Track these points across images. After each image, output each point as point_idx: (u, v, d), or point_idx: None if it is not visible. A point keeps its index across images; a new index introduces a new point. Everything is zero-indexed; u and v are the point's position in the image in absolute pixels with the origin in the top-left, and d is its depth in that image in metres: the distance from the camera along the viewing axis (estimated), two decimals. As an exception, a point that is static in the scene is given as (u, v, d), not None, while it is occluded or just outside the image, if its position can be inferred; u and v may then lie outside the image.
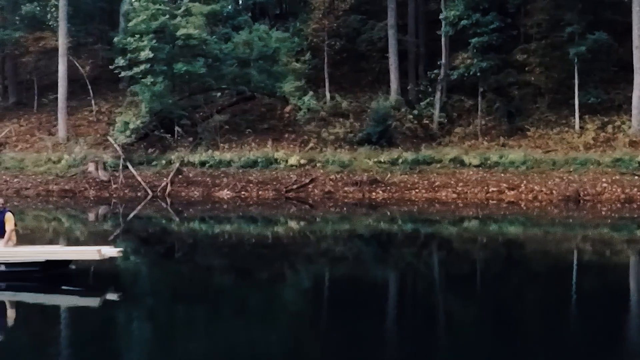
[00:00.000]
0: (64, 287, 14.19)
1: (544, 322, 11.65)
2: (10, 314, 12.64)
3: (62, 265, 14.44)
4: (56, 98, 40.16)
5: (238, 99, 39.14)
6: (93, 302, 13.30)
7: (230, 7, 39.98)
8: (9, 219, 14.54)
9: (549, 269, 17.10)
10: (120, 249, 14.80)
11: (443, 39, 37.15)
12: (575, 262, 18.19)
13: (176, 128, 35.09)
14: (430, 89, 38.29)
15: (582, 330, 11.17)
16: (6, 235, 14.41)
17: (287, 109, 36.22)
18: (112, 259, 14.73)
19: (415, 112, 37.58)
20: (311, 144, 35.07)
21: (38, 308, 13.04)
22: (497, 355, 9.80)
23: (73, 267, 14.76)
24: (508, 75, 36.43)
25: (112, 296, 13.56)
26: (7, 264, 13.99)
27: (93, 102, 39.19)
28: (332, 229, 24.55)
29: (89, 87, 39.09)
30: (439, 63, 37.40)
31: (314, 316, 12.37)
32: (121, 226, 25.10)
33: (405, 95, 38.95)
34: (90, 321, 11.83)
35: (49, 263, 14.06)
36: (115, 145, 34.63)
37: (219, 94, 39.35)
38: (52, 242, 18.93)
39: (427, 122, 37.41)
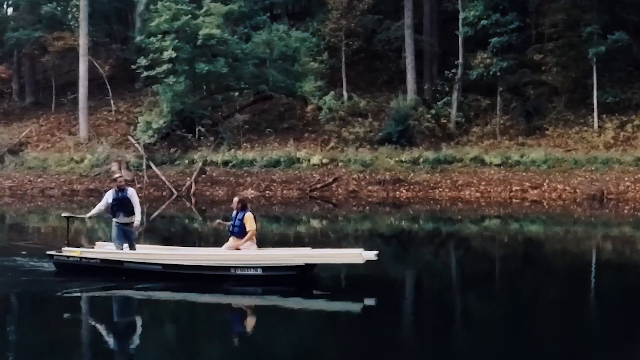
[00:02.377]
0: (315, 292, 13.79)
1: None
2: (281, 319, 11.98)
3: (313, 268, 13.92)
4: (74, 98, 40.43)
5: (256, 99, 39.27)
6: (354, 307, 12.58)
7: (246, 7, 39.90)
8: (249, 219, 13.87)
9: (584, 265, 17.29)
10: (377, 252, 13.65)
11: (460, 39, 37.35)
12: (602, 260, 18.35)
13: (198, 128, 35.19)
14: (447, 89, 38.47)
15: (605, 329, 11.23)
16: (247, 236, 13.81)
17: (309, 108, 36.34)
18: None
19: (433, 111, 37.76)
20: (332, 144, 35.23)
21: (308, 314, 12.50)
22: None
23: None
24: (523, 75, 36.65)
25: (369, 301, 12.81)
26: (264, 268, 13.51)
27: (112, 101, 39.28)
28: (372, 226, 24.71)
29: (108, 86, 39.17)
30: (455, 63, 37.59)
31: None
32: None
33: (422, 95, 39.14)
34: (371, 328, 11.16)
35: (306, 267, 13.59)
36: (136, 145, 34.80)
37: (236, 93, 39.46)
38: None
39: (444, 121, 37.60)
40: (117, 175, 14.89)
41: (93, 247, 14.90)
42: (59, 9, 38.31)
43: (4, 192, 33.41)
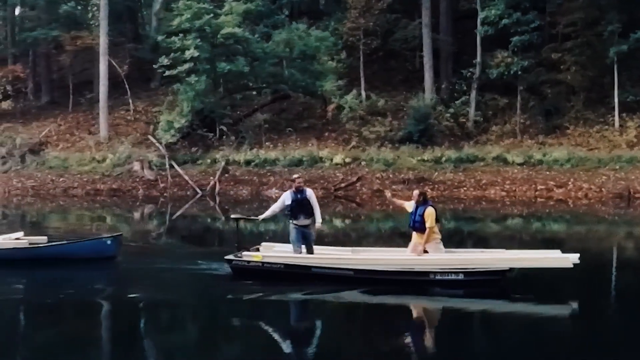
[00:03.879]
0: (516, 295, 12.99)
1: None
2: (487, 325, 11.54)
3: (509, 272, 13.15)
4: (92, 97, 40.37)
5: (275, 98, 39.23)
6: (562, 311, 12.08)
7: (264, 6, 39.86)
8: (430, 215, 13.17)
9: None
10: (578, 254, 12.94)
11: (478, 38, 37.36)
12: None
13: (220, 127, 35.14)
14: (464, 87, 38.47)
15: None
16: (426, 235, 13.18)
17: (330, 107, 36.30)
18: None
19: (451, 110, 37.76)
20: (353, 143, 35.20)
21: (518, 319, 11.75)
22: None
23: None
24: (539, 74, 36.67)
25: (574, 304, 12.31)
26: (466, 273, 12.85)
27: (131, 101, 39.20)
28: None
29: (127, 86, 39.10)
30: (474, 62, 37.60)
31: None
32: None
33: (438, 94, 39.14)
34: (588, 333, 10.79)
35: (509, 271, 12.96)
36: (157, 145, 34.74)
37: (254, 92, 39.42)
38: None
39: (463, 120, 37.61)
40: (295, 175, 14.51)
41: (258, 249, 14.40)
42: (79, 7, 38.09)
43: (26, 192, 33.32)
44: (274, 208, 14.00)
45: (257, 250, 14.25)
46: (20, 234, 16.46)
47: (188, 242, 21.34)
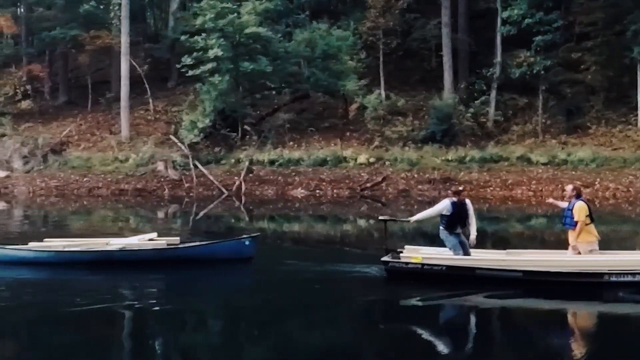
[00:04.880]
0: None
1: None
2: None
3: None
4: (111, 97, 40.27)
5: (295, 97, 39.14)
6: None
7: (282, 5, 39.74)
8: (577, 209, 12.84)
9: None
10: None
11: (498, 38, 37.32)
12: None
13: (244, 126, 35.06)
14: (484, 87, 38.41)
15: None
16: (577, 229, 12.86)
17: (353, 107, 36.22)
18: None
19: (472, 110, 37.69)
20: (376, 143, 35.13)
21: None
22: None
23: None
24: (558, 73, 36.63)
25: None
26: (616, 274, 12.45)
27: (151, 100, 39.09)
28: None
29: (146, 86, 38.98)
30: (494, 61, 37.57)
31: None
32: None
33: (457, 94, 39.07)
34: None
35: None
36: (179, 144, 34.65)
37: (273, 92, 39.30)
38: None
39: (484, 120, 37.56)
40: (461, 187, 14.30)
41: (401, 252, 13.96)
42: (101, 7, 37.96)
43: (51, 192, 33.20)
44: (430, 213, 13.80)
45: (400, 252, 13.87)
46: (154, 234, 16.40)
47: (313, 244, 20.77)
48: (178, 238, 16.29)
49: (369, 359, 9.86)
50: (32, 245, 15.74)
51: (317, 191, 32.20)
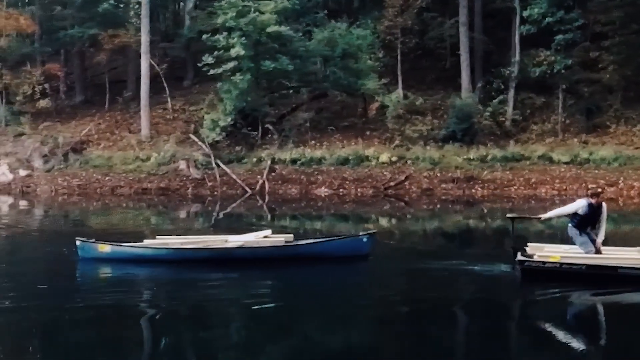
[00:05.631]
0: None
1: None
2: None
3: None
4: (129, 96, 40.22)
5: (315, 96, 39.09)
6: None
7: (300, 4, 39.67)
8: None
9: None
10: None
11: (517, 37, 37.31)
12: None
13: (266, 125, 35.02)
14: (502, 86, 38.39)
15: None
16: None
17: (374, 106, 36.19)
18: None
19: (490, 109, 37.68)
20: (397, 142, 35.10)
21: None
22: None
23: None
24: (575, 73, 36.61)
25: None
26: None
27: (169, 99, 39.03)
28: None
29: (165, 84, 38.92)
30: (512, 60, 37.58)
31: None
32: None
33: (476, 93, 39.06)
34: None
35: None
36: (200, 143, 34.60)
37: (291, 91, 39.27)
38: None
39: (502, 119, 37.54)
40: (599, 190, 14.10)
41: (525, 250, 13.85)
42: (121, 5, 37.89)
43: (73, 191, 33.15)
44: (563, 211, 13.74)
45: (523, 251, 13.74)
46: (268, 231, 16.38)
47: (425, 241, 20.71)
48: (292, 235, 16.24)
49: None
50: (148, 242, 15.78)
51: (341, 190, 32.17)
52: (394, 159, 33.62)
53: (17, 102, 39.19)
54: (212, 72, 34.26)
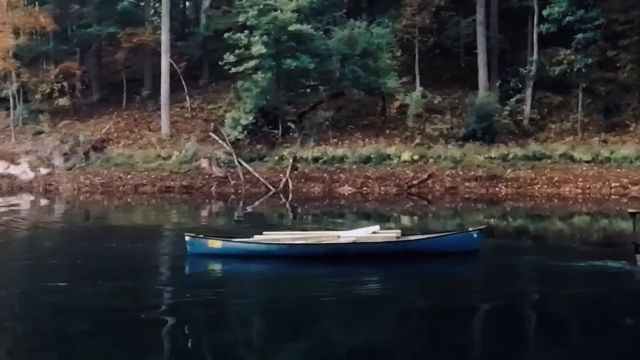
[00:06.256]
0: None
1: None
2: None
3: None
4: (146, 94, 40.23)
5: (330, 95, 39.08)
6: None
7: (317, 3, 39.66)
8: None
9: None
10: None
11: (535, 36, 37.33)
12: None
13: (288, 124, 35.03)
14: (520, 85, 38.42)
15: None
16: None
17: (394, 105, 36.19)
18: None
19: (508, 108, 37.70)
20: (417, 140, 35.12)
21: None
22: None
23: None
24: (593, 71, 36.64)
25: None
26: None
27: (188, 98, 39.02)
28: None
29: (183, 83, 38.91)
30: (530, 59, 37.61)
31: None
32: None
33: (493, 92, 39.07)
34: None
35: None
36: (221, 142, 34.59)
37: (308, 90, 39.25)
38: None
39: (521, 118, 37.57)
40: None
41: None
42: (141, 3, 37.85)
43: (96, 189, 33.15)
44: None
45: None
46: (376, 227, 16.40)
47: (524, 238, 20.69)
48: (399, 231, 16.32)
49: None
50: (258, 238, 15.79)
51: (364, 188, 32.19)
52: (415, 157, 33.63)
53: (35, 100, 39.13)
54: (233, 70, 34.21)
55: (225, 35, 34.80)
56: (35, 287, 13.55)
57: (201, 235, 15.81)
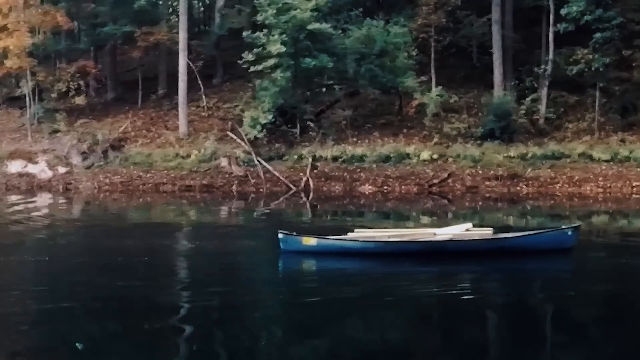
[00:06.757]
0: None
1: None
2: None
3: None
4: (162, 93, 40.19)
5: (345, 94, 39.05)
6: None
7: (332, 1, 39.61)
8: None
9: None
10: None
11: (551, 35, 37.34)
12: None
13: (307, 123, 35.02)
14: (536, 85, 38.44)
15: None
16: None
17: (413, 104, 36.17)
18: None
19: (524, 107, 37.71)
20: (435, 139, 35.12)
21: None
22: None
23: None
24: (610, 71, 36.62)
25: None
26: None
27: (204, 97, 38.99)
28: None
29: (200, 82, 38.88)
30: (546, 59, 37.62)
31: None
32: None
33: (510, 91, 39.07)
34: None
35: None
36: (239, 141, 34.57)
37: (324, 89, 39.21)
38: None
39: (537, 117, 37.59)
40: None
41: None
42: (160, 2, 37.79)
43: (115, 188, 33.12)
44: None
45: None
46: (469, 224, 16.47)
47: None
48: (491, 228, 16.31)
49: None
50: (352, 235, 15.81)
51: (385, 187, 32.20)
52: (434, 156, 33.63)
53: (51, 99, 39.05)
54: (252, 69, 34.17)
55: (244, 33, 34.76)
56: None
57: (294, 233, 15.88)
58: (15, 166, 34.84)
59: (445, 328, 10.95)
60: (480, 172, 32.78)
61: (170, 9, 38.09)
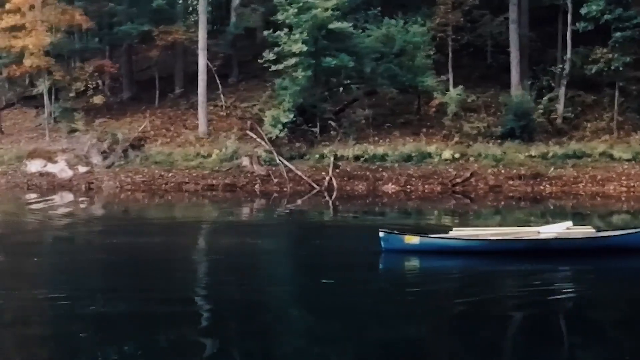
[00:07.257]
0: None
1: None
2: None
3: None
4: (179, 92, 40.14)
5: (364, 93, 39.04)
6: None
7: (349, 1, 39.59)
8: None
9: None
10: None
11: (569, 34, 37.33)
12: None
13: (329, 122, 34.99)
14: (553, 84, 38.46)
15: None
16: None
17: (433, 103, 36.14)
18: None
19: (542, 106, 37.72)
20: (456, 138, 35.11)
21: None
22: None
23: None
24: (628, 70, 36.58)
25: None
26: None
27: (222, 96, 38.93)
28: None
29: (218, 82, 38.84)
30: (564, 58, 37.62)
31: None
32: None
33: (526, 90, 39.07)
34: None
35: None
36: (259, 140, 34.53)
37: (341, 88, 39.20)
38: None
39: (554, 116, 37.60)
40: None
41: None
42: (180, 1, 37.73)
43: (138, 187, 33.06)
44: None
45: None
46: (569, 223, 16.38)
47: None
48: (591, 226, 16.27)
49: None
50: (454, 234, 15.82)
51: (408, 187, 32.18)
52: (456, 155, 33.61)
53: (68, 98, 38.96)
54: (273, 68, 34.14)
55: (265, 32, 34.73)
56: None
57: (396, 231, 15.82)
58: (35, 165, 34.76)
59: (549, 328, 10.90)
60: (502, 171, 32.78)
61: (190, 8, 37.90)
